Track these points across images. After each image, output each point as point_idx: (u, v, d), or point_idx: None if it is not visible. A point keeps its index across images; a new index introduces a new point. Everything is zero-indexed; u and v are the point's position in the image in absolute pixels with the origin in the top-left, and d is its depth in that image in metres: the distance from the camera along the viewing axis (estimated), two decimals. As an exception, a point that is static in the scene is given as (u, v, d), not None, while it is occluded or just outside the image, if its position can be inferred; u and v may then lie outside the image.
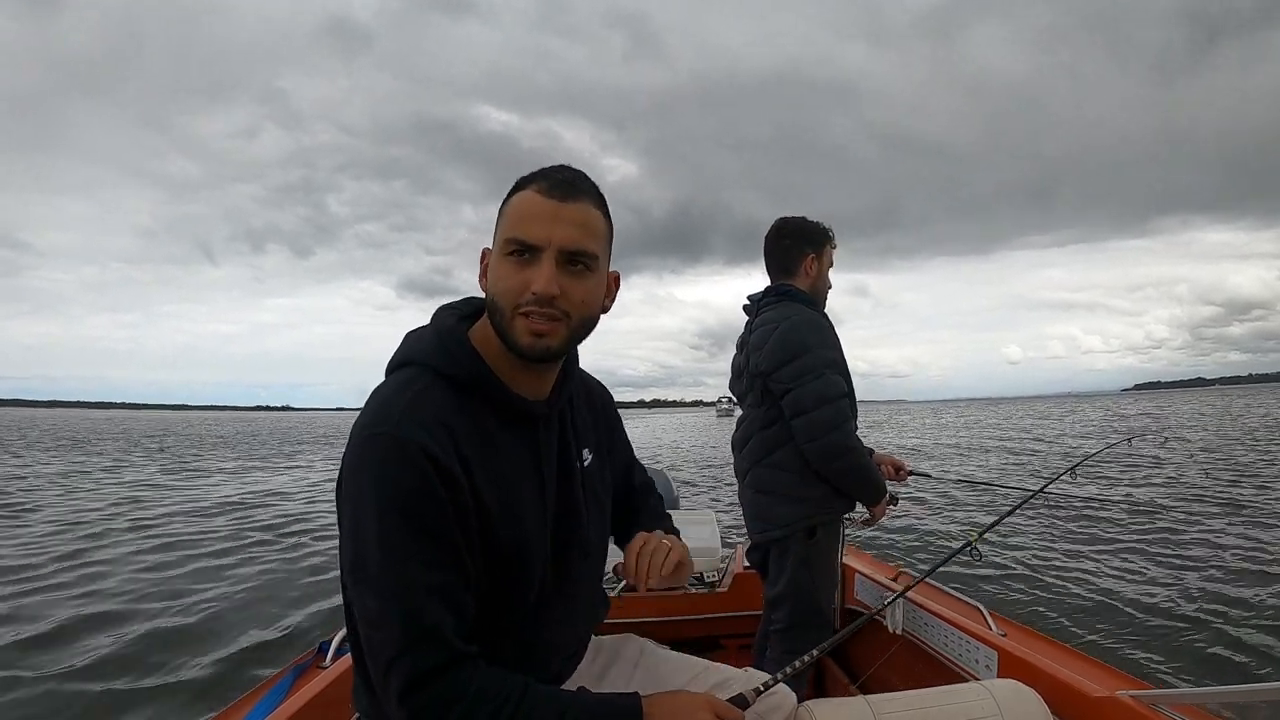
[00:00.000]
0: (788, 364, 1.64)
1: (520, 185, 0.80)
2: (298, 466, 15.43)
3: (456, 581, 0.73)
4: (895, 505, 1.84)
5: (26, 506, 8.62)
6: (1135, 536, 6.05)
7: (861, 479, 1.71)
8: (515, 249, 0.76)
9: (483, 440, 0.78)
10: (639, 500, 1.10)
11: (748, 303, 1.91)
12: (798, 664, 1.00)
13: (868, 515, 1.81)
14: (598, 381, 1.05)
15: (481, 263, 0.82)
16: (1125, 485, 9.07)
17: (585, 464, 0.93)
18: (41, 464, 15.20)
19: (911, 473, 2.02)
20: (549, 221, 0.75)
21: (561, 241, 0.75)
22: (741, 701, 0.86)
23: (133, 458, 17.52)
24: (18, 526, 7.19)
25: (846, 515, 1.81)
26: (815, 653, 1.01)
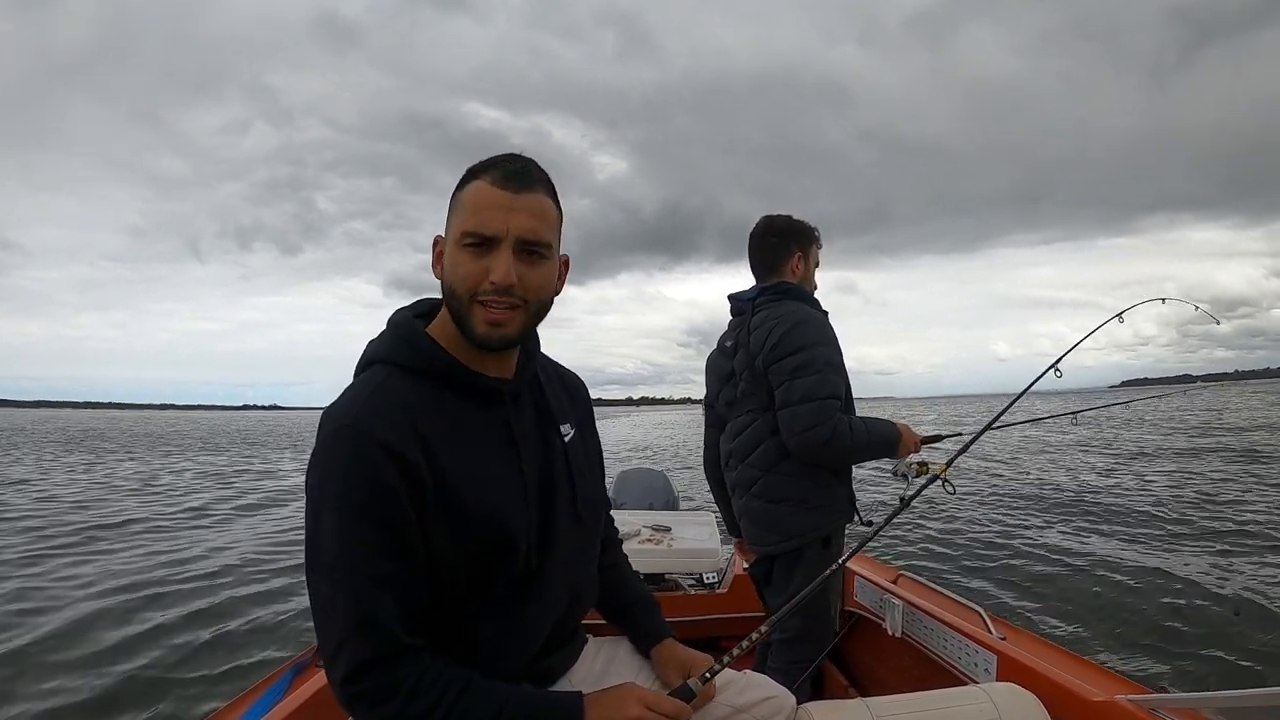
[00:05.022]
0: (783, 359, 1.60)
1: (473, 175, 0.81)
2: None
3: (408, 574, 0.75)
4: (924, 467, 1.63)
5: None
6: (1135, 539, 6.04)
7: (860, 458, 1.66)
8: (472, 240, 0.78)
9: (447, 423, 0.80)
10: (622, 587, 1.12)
11: (736, 303, 1.81)
12: (744, 644, 0.96)
13: (908, 467, 1.66)
14: (574, 374, 1.06)
15: (434, 249, 0.84)
16: (1125, 486, 9.06)
17: (567, 438, 0.94)
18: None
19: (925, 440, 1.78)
20: (505, 212, 0.77)
21: (518, 232, 0.78)
22: (685, 692, 0.88)
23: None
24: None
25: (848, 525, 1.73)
26: (754, 637, 0.97)
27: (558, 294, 0.88)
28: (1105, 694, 1.18)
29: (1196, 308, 1.96)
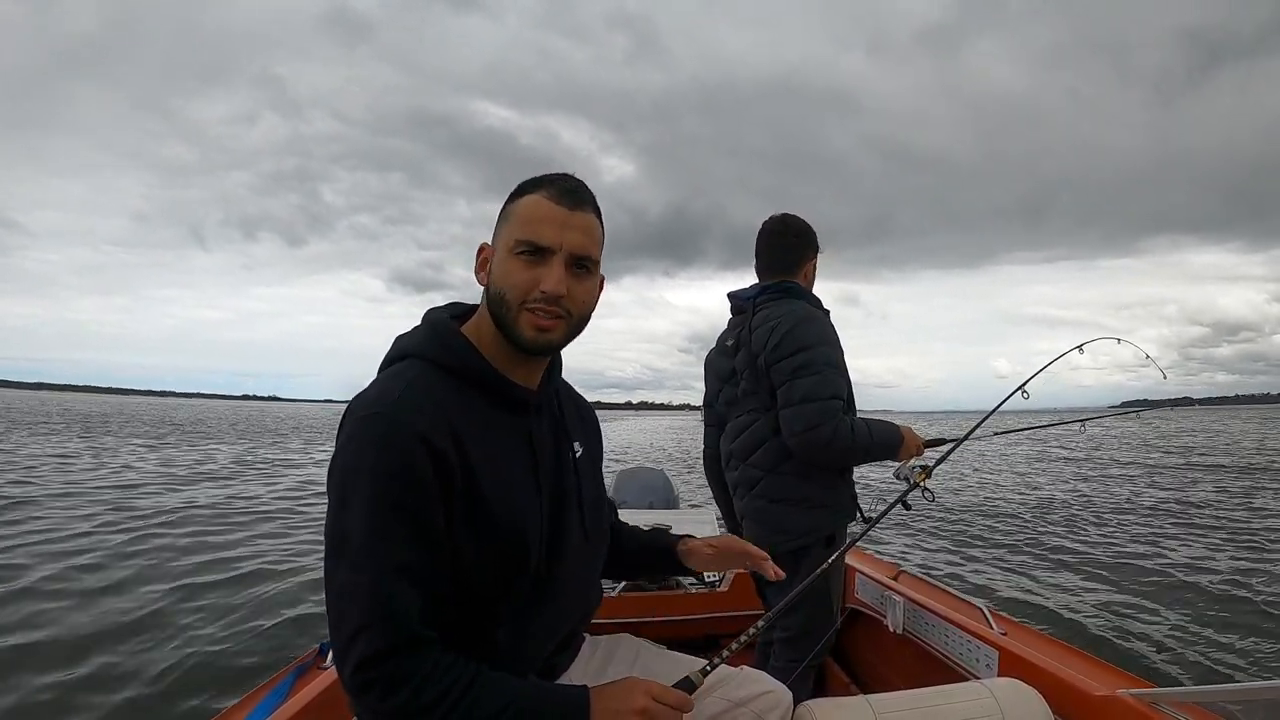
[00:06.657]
0: (785, 359, 1.60)
1: (528, 189, 0.85)
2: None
3: (430, 566, 0.76)
4: (927, 473, 1.60)
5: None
6: (1135, 538, 6.05)
7: (862, 459, 1.66)
8: (526, 249, 0.81)
9: (477, 423, 0.82)
10: (629, 535, 1.17)
11: (737, 302, 1.81)
12: (743, 638, 0.97)
13: (910, 470, 1.63)
14: (585, 399, 1.11)
15: (479, 257, 0.87)
16: (1125, 490, 9.07)
17: (577, 455, 0.97)
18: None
19: (928, 444, 1.76)
20: (560, 227, 0.82)
21: (571, 247, 0.82)
22: (687, 684, 0.88)
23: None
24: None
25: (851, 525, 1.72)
26: (752, 631, 0.98)
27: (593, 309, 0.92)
28: (1107, 688, 1.18)
29: (1147, 356, 2.01)
